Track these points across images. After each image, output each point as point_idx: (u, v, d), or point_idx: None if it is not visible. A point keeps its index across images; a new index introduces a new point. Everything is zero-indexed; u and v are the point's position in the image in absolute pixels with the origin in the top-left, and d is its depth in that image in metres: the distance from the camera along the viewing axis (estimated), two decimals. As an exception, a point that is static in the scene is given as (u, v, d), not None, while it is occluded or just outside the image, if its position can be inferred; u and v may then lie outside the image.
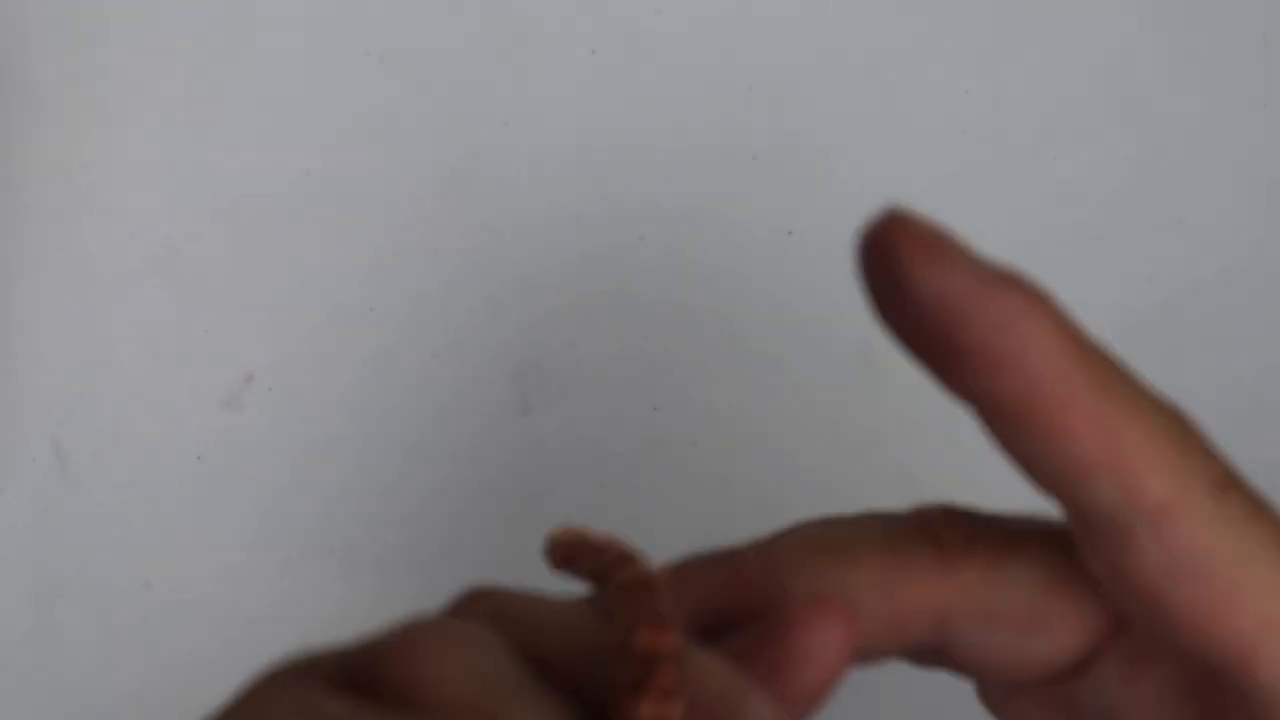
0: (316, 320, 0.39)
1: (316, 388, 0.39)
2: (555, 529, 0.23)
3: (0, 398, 0.38)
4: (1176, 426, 0.21)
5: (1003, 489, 0.24)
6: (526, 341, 0.39)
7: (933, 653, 0.24)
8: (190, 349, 0.38)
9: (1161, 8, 0.39)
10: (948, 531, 0.23)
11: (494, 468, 0.38)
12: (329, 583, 0.40)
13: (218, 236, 0.39)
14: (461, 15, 0.39)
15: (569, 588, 0.22)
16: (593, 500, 0.37)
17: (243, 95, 0.39)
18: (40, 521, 0.36)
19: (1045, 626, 0.23)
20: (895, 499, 0.26)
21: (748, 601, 0.23)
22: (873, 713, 0.28)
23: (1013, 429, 0.21)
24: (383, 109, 0.39)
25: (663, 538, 0.26)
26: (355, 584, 0.38)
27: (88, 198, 0.39)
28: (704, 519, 0.38)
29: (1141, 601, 0.22)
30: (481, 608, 0.21)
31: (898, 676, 0.27)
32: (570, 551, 0.22)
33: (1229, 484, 0.22)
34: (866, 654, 0.23)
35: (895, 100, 0.39)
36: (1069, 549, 0.23)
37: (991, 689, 0.26)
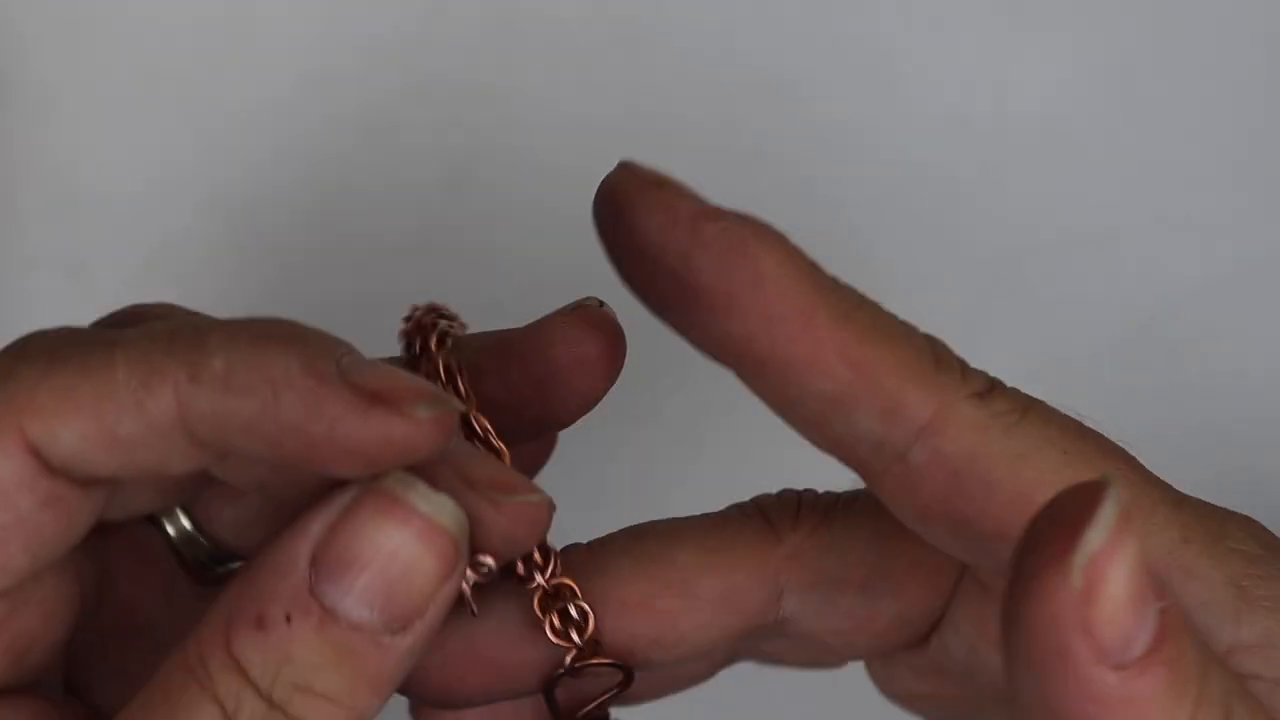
0: (316, 320, 0.39)
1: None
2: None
3: (-1, 398, 0.38)
4: (927, 347, 0.21)
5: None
6: None
7: (783, 634, 0.24)
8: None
9: (1162, 7, 0.39)
10: (775, 509, 0.24)
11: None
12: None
13: (217, 236, 0.39)
14: (462, 15, 0.39)
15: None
16: (593, 500, 0.37)
17: (243, 95, 0.39)
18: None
19: (887, 585, 0.23)
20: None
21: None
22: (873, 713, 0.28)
23: (764, 374, 0.21)
24: (383, 108, 0.39)
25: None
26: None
27: (88, 198, 0.39)
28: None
29: (944, 529, 0.21)
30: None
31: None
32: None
33: (991, 391, 0.21)
34: (710, 643, 0.23)
35: (895, 100, 0.39)
36: None
37: (874, 669, 0.26)
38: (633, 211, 0.20)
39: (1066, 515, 0.17)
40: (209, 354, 0.19)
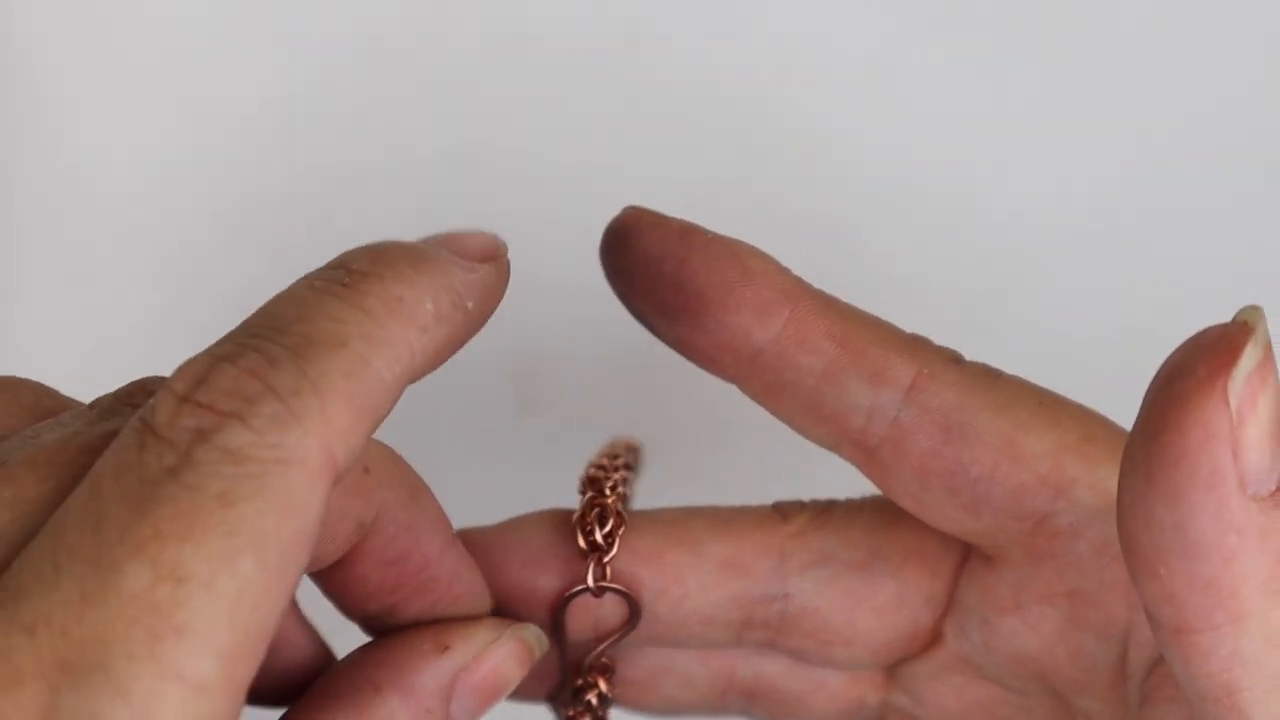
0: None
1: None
2: None
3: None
4: (901, 331, 0.23)
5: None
6: (526, 341, 0.39)
7: (786, 623, 0.25)
8: (189, 349, 0.38)
9: (1163, 6, 0.39)
10: (783, 503, 0.26)
11: (493, 468, 0.38)
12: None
13: (217, 236, 0.39)
14: (462, 14, 0.39)
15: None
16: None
17: (243, 95, 0.39)
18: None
19: (886, 566, 0.25)
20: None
21: None
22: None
23: (760, 361, 0.23)
24: (383, 108, 0.39)
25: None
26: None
27: (87, 198, 0.39)
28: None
29: (940, 485, 0.23)
30: None
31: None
32: None
33: (962, 359, 0.23)
34: (713, 607, 0.25)
35: (896, 99, 0.39)
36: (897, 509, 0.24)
37: (904, 700, 0.27)
38: (635, 236, 0.23)
39: (1217, 344, 0.17)
40: (418, 304, 0.20)
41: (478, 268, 0.22)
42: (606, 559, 0.24)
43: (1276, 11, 0.39)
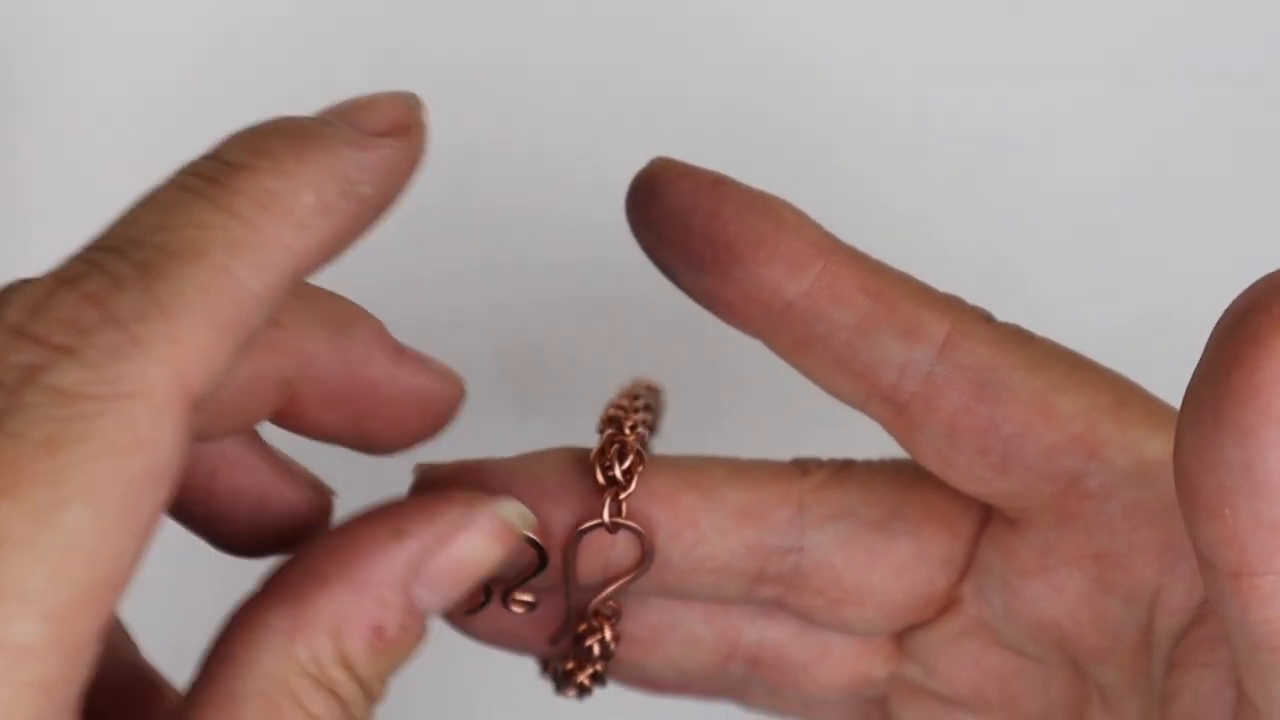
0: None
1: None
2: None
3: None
4: (933, 288, 0.23)
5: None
6: (526, 341, 0.39)
7: (799, 578, 0.25)
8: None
9: (1164, 6, 0.39)
10: (803, 460, 0.26)
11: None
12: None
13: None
14: (462, 14, 0.39)
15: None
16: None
17: (242, 95, 0.39)
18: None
19: (905, 525, 0.25)
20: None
21: None
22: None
23: (791, 315, 0.22)
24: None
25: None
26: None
27: (87, 198, 0.39)
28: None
29: (971, 442, 0.23)
30: None
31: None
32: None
33: (993, 318, 0.23)
34: (728, 554, 0.24)
35: (896, 98, 0.39)
36: (919, 469, 0.24)
37: (920, 674, 0.26)
38: (665, 187, 0.22)
39: None
40: (294, 197, 0.19)
41: (379, 144, 0.20)
42: (623, 495, 0.24)
43: (1277, 11, 0.39)
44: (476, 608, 0.25)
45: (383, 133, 0.21)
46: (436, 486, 0.24)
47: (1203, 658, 0.22)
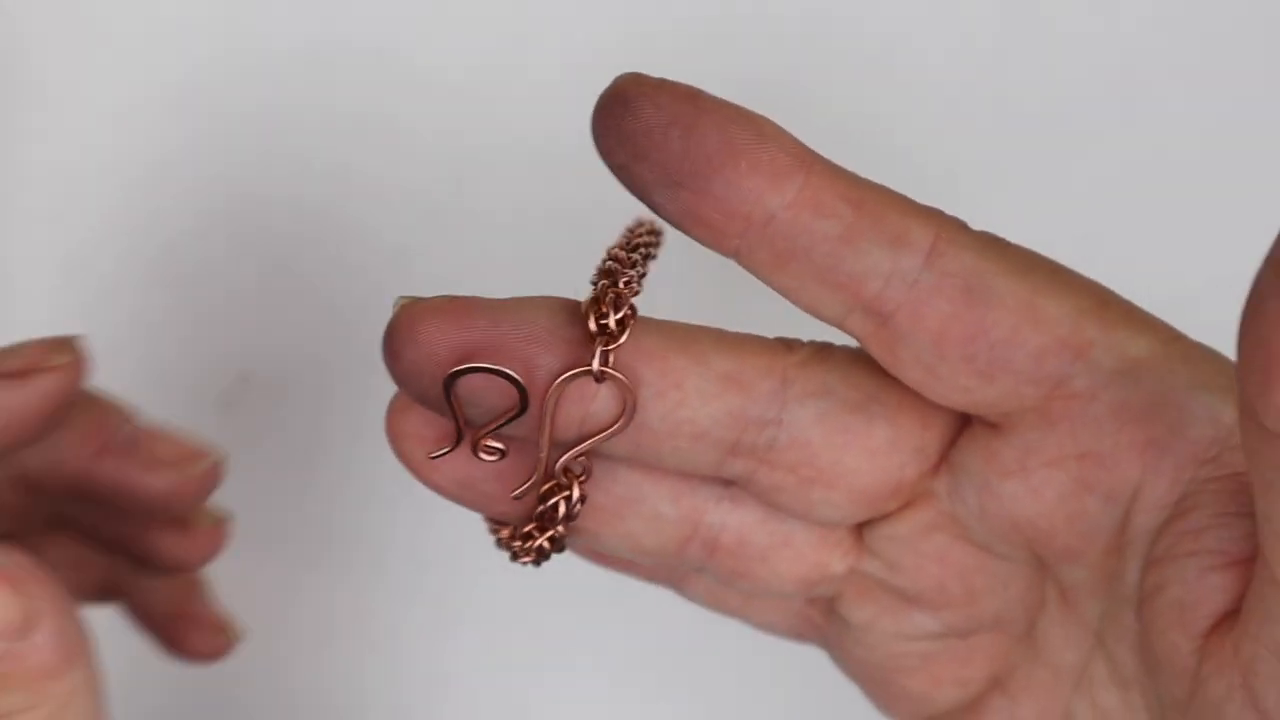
0: (314, 320, 0.39)
1: (313, 387, 0.39)
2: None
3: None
4: (913, 199, 0.23)
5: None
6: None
7: (774, 453, 0.24)
8: (187, 349, 0.38)
9: (1164, 6, 0.39)
10: (791, 339, 0.25)
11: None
12: (331, 587, 0.39)
13: (217, 236, 0.39)
14: (461, 14, 0.39)
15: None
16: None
17: (242, 95, 0.39)
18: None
19: (882, 410, 0.24)
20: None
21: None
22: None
23: (774, 227, 0.22)
24: (381, 108, 0.39)
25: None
26: (355, 585, 0.38)
27: (87, 198, 0.39)
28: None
29: (958, 350, 0.22)
30: None
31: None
32: None
33: (971, 227, 0.23)
34: (710, 420, 0.24)
35: (896, 98, 0.39)
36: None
37: (888, 546, 0.26)
38: (639, 101, 0.22)
39: None
40: None
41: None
42: (613, 346, 0.23)
43: (1277, 11, 0.39)
44: (445, 452, 0.24)
45: (11, 375, 0.27)
46: (417, 323, 0.23)
47: (1187, 547, 0.22)
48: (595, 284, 0.24)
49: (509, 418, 0.23)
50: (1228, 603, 0.22)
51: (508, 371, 0.22)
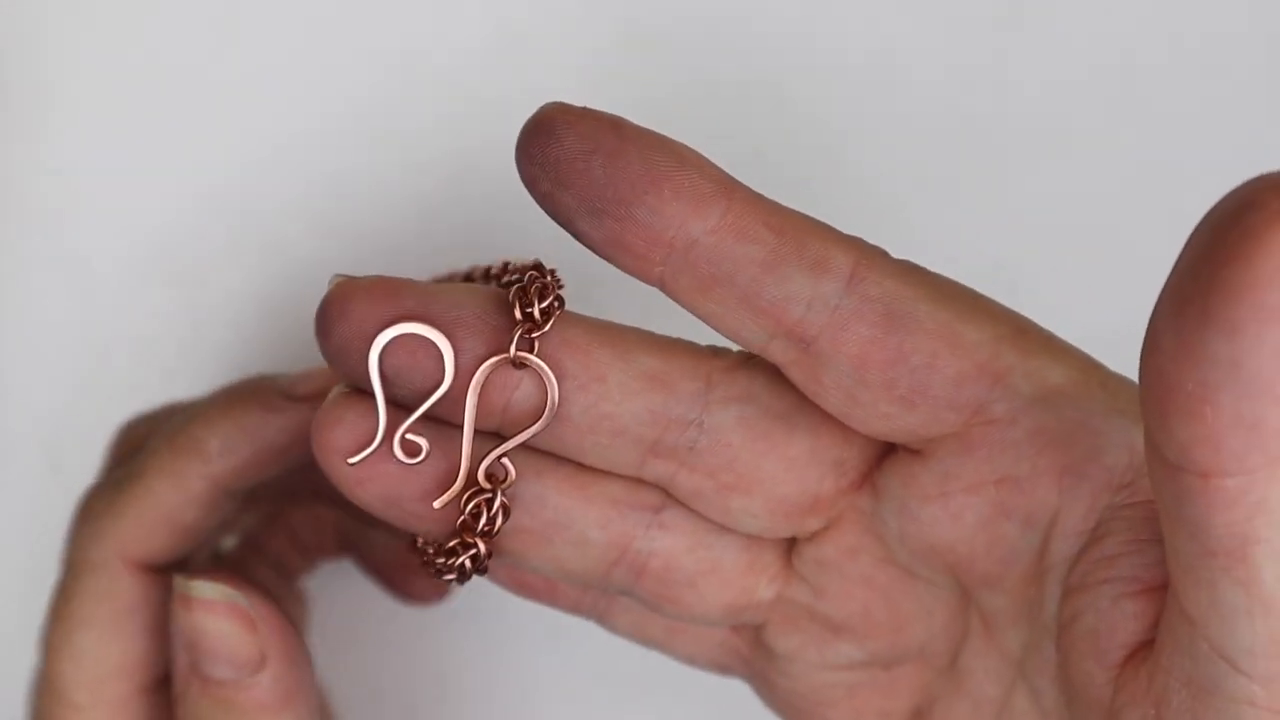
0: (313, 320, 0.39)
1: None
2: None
3: (-1, 398, 0.38)
4: (833, 227, 0.23)
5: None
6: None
7: (695, 457, 0.24)
8: (187, 349, 0.39)
9: (1164, 6, 0.39)
10: (719, 347, 0.25)
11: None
12: (328, 583, 0.40)
13: (216, 236, 0.39)
14: (460, 15, 0.39)
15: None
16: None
17: (242, 94, 0.39)
18: (33, 523, 0.36)
19: (805, 420, 0.24)
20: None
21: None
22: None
23: (697, 252, 0.22)
24: (382, 107, 0.39)
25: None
26: (353, 585, 0.38)
27: (87, 198, 0.39)
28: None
29: (879, 375, 0.23)
30: None
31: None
32: None
33: (890, 255, 0.23)
34: (632, 417, 0.24)
35: (896, 98, 0.39)
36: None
37: (811, 562, 0.26)
38: (563, 129, 0.22)
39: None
40: (207, 441, 0.28)
41: (286, 407, 0.28)
42: (537, 334, 0.23)
43: (1277, 11, 0.39)
44: (367, 454, 0.23)
45: (301, 399, 0.28)
46: (349, 300, 0.23)
47: (1102, 575, 0.22)
48: (522, 275, 0.24)
49: (432, 400, 0.23)
50: (1141, 631, 0.22)
51: (431, 336, 0.23)
